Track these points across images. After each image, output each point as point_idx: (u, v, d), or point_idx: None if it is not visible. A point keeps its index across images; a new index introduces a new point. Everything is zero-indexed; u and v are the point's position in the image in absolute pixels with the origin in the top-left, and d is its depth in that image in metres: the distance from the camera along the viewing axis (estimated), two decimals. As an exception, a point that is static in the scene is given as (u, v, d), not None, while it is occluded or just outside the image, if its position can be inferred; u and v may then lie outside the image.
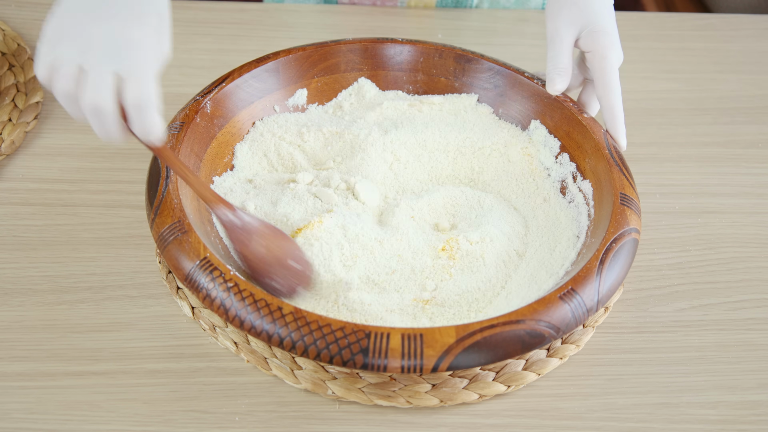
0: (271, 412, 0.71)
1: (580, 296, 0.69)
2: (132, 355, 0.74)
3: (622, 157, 0.81)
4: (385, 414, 0.72)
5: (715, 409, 0.73)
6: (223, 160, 0.84)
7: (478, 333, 0.66)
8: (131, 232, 0.83)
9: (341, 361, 0.65)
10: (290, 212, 0.79)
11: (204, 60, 1.03)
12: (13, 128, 0.90)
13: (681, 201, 0.91)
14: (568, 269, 0.74)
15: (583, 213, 0.80)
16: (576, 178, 0.83)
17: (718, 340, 0.78)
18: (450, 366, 0.65)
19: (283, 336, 0.65)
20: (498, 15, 1.12)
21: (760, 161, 0.97)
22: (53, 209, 0.85)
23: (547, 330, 0.67)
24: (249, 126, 0.87)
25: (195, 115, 0.81)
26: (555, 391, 0.74)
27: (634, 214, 0.76)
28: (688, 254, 0.86)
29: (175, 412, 0.70)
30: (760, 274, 0.84)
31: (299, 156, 0.86)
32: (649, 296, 0.82)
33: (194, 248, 0.70)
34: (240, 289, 0.67)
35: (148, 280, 0.79)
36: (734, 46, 1.13)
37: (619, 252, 0.73)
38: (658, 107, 1.03)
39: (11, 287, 0.78)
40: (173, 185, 0.74)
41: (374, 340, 0.65)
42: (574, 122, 0.86)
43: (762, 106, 1.04)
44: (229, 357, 0.74)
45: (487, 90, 0.91)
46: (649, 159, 0.95)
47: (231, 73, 0.85)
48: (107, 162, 0.89)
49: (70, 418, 0.69)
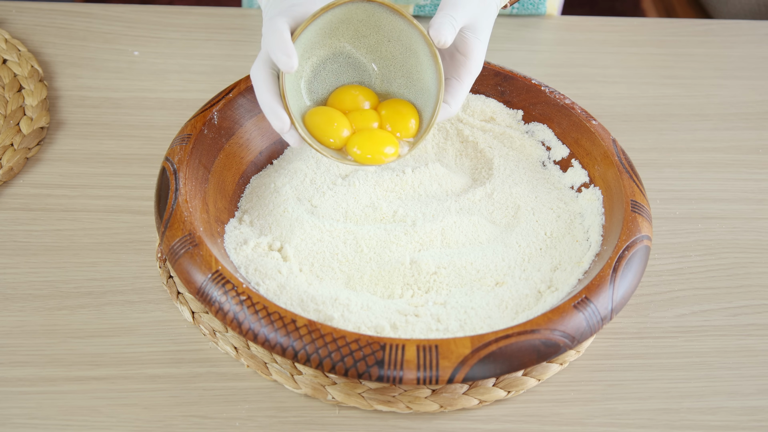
0: (271, 417, 0.71)
1: (594, 304, 0.69)
2: (132, 361, 0.74)
3: (632, 163, 0.82)
4: (385, 419, 0.72)
5: (716, 414, 0.73)
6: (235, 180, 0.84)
7: (493, 343, 0.66)
8: (132, 238, 0.83)
9: (356, 373, 0.65)
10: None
11: (206, 65, 1.03)
12: (13, 154, 0.89)
13: (681, 207, 0.91)
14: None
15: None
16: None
17: (719, 346, 0.78)
18: (466, 377, 0.65)
19: (297, 349, 0.65)
20: (498, 21, 1.12)
21: (761, 167, 0.97)
22: (54, 214, 0.85)
23: (562, 339, 0.67)
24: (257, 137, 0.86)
25: (203, 127, 0.81)
26: (555, 397, 0.74)
27: (646, 221, 0.76)
28: (688, 260, 0.86)
29: (175, 417, 0.70)
30: (761, 279, 0.84)
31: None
32: (649, 302, 0.82)
33: (206, 261, 0.70)
34: (253, 302, 0.67)
35: (148, 285, 0.79)
36: (735, 52, 1.13)
37: (631, 259, 0.73)
38: (658, 113, 1.03)
39: (12, 292, 0.78)
40: (183, 197, 0.74)
41: (389, 351, 0.65)
42: (582, 129, 0.86)
43: (762, 112, 1.04)
44: (229, 362, 0.74)
45: (494, 96, 0.91)
46: (649, 165, 0.95)
47: (237, 83, 0.85)
48: (108, 167, 0.90)
49: (70, 424, 0.69)
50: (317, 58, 0.77)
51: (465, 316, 0.73)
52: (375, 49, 0.78)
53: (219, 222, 0.79)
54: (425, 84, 0.76)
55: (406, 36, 0.75)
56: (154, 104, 0.97)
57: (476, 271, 0.78)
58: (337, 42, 0.77)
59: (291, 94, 0.73)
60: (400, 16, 0.75)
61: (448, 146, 0.90)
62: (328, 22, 0.74)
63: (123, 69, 1.01)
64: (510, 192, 0.85)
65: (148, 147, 0.92)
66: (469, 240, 0.81)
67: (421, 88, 0.77)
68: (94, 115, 0.95)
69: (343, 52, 0.78)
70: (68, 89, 0.98)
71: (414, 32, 0.75)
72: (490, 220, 0.83)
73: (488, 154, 0.89)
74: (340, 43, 0.77)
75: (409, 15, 0.74)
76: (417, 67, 0.76)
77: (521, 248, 0.80)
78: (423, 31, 0.74)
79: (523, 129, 0.90)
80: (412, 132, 0.76)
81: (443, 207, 0.83)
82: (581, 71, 1.07)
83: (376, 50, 0.78)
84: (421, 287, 0.77)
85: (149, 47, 1.04)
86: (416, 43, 0.75)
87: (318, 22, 0.73)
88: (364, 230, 0.80)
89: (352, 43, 0.77)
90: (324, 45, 0.76)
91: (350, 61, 0.78)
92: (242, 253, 0.77)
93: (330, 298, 0.72)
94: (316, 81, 0.77)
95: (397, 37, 0.76)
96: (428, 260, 0.78)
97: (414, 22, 0.74)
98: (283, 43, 0.70)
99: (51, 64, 1.01)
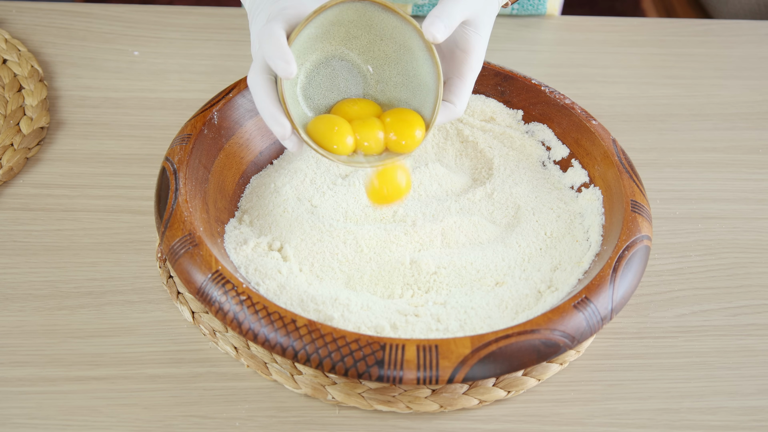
0: (271, 417, 0.71)
1: (594, 304, 0.69)
2: (132, 360, 0.74)
3: (632, 163, 0.82)
4: (385, 419, 0.72)
5: (716, 414, 0.73)
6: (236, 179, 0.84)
7: (493, 343, 0.66)
8: (132, 238, 0.83)
9: (356, 373, 0.65)
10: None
11: (205, 65, 1.03)
12: (13, 154, 0.89)
13: (681, 206, 0.91)
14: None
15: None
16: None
17: (719, 346, 0.78)
18: (466, 377, 0.65)
19: (297, 349, 0.65)
20: (498, 21, 1.12)
21: (761, 167, 0.97)
22: (54, 214, 0.85)
23: (562, 339, 0.67)
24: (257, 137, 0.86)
25: (203, 126, 0.81)
26: (555, 397, 0.74)
27: (646, 221, 0.76)
28: (688, 260, 0.86)
29: (175, 417, 0.70)
30: (761, 279, 0.84)
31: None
32: (649, 302, 0.82)
33: (206, 261, 0.70)
34: (253, 302, 0.67)
35: (148, 285, 0.79)
36: (735, 52, 1.13)
37: (631, 259, 0.73)
38: (658, 113, 1.03)
39: (12, 292, 0.78)
40: (183, 197, 0.74)
41: (389, 351, 0.65)
42: (582, 129, 0.86)
43: (763, 112, 1.04)
44: (229, 362, 0.74)
45: (494, 96, 0.91)
46: (649, 164, 0.95)
47: (237, 83, 0.85)
48: (108, 167, 0.90)
49: (70, 424, 0.69)
50: (311, 64, 0.76)
51: (465, 316, 0.73)
52: (368, 49, 0.77)
53: (219, 222, 0.79)
54: (422, 80, 0.75)
55: (399, 33, 0.74)
56: (154, 104, 0.97)
57: (476, 271, 0.78)
58: (330, 45, 0.76)
59: (290, 101, 0.73)
60: (391, 12, 0.73)
61: (448, 146, 0.90)
62: (320, 26, 0.73)
63: (123, 69, 1.01)
64: (510, 192, 0.85)
65: (148, 147, 0.92)
66: (469, 240, 0.81)
67: (418, 84, 0.75)
68: (94, 115, 0.95)
69: (336, 54, 0.77)
70: (68, 89, 0.98)
71: (407, 28, 0.73)
72: (490, 220, 0.83)
73: (488, 154, 0.89)
74: (332, 47, 0.76)
75: (400, 11, 0.73)
76: (412, 63, 0.75)
77: (521, 248, 0.80)
78: (416, 25, 0.73)
79: (523, 129, 0.90)
80: (418, 140, 0.74)
81: (443, 207, 0.83)
82: (581, 71, 1.07)
83: (369, 50, 0.77)
84: (421, 287, 0.77)
85: (149, 47, 1.04)
86: (410, 39, 0.74)
87: (311, 25, 0.72)
88: (364, 230, 0.80)
89: (345, 45, 0.76)
90: (316, 49, 0.75)
91: (344, 65, 0.77)
92: (242, 253, 0.77)
93: (330, 298, 0.72)
94: (311, 86, 0.76)
95: (390, 35, 0.75)
96: (428, 260, 0.78)
97: (407, 17, 0.73)
98: (281, 49, 0.69)
99: (51, 64, 1.01)
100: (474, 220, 0.82)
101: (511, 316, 0.74)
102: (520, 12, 1.14)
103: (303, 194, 0.83)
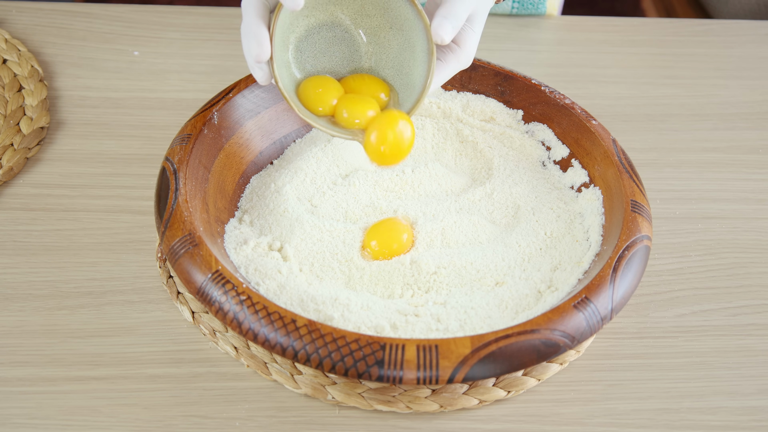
0: (271, 417, 0.71)
1: (594, 304, 0.69)
2: (132, 360, 0.74)
3: (632, 163, 0.82)
4: (385, 419, 0.72)
5: (716, 414, 0.73)
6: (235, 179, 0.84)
7: (493, 343, 0.66)
8: (132, 237, 0.83)
9: (356, 373, 0.65)
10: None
11: (205, 65, 1.03)
12: (13, 154, 0.89)
13: (681, 206, 0.91)
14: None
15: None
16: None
17: (719, 346, 0.78)
18: (466, 377, 0.65)
19: (297, 349, 0.65)
20: (498, 21, 1.12)
21: (761, 167, 0.97)
22: (54, 214, 0.85)
23: (562, 339, 0.67)
24: (257, 137, 0.86)
25: (203, 126, 0.81)
26: (555, 397, 0.74)
27: (646, 221, 0.76)
28: (688, 260, 0.86)
29: (175, 417, 0.70)
30: (761, 279, 0.84)
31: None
32: (649, 302, 0.82)
33: (206, 261, 0.70)
34: (253, 302, 0.67)
35: (148, 285, 0.79)
36: (735, 52, 1.13)
37: (631, 259, 0.73)
38: (658, 113, 1.03)
39: (11, 292, 0.78)
40: (183, 197, 0.74)
41: (389, 351, 0.65)
42: (582, 129, 0.86)
43: (763, 112, 1.04)
44: (229, 362, 0.74)
45: (494, 96, 0.91)
46: (649, 164, 0.95)
47: (237, 83, 0.85)
48: (108, 167, 0.90)
49: (70, 424, 0.69)
50: (315, 20, 0.73)
51: (465, 316, 0.73)
52: (375, 32, 0.76)
53: (219, 222, 0.79)
54: (412, 81, 0.75)
55: (408, 27, 0.74)
56: (154, 104, 0.97)
57: (476, 271, 0.78)
58: (340, 11, 0.74)
59: (279, 38, 0.69)
60: (410, 4, 0.73)
61: (448, 146, 0.90)
62: None
63: (123, 69, 1.01)
64: (510, 192, 0.85)
65: (148, 147, 0.92)
66: (469, 240, 0.81)
67: (407, 83, 0.76)
68: (94, 115, 0.95)
69: (342, 24, 0.75)
70: (68, 89, 0.98)
71: (418, 25, 0.73)
72: (490, 220, 0.83)
73: (488, 154, 0.89)
74: (342, 15, 0.74)
75: (419, 6, 0.73)
76: (410, 62, 0.75)
77: (521, 248, 0.80)
78: (428, 24, 0.73)
79: (523, 129, 0.90)
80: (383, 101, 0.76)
81: (443, 207, 0.83)
82: (581, 71, 1.07)
83: (376, 34, 0.76)
84: (421, 287, 0.77)
85: (149, 47, 1.04)
86: (416, 36, 0.74)
87: None
88: (364, 230, 0.80)
89: (353, 20, 0.75)
90: (325, 9, 0.73)
91: (345, 37, 0.76)
92: (242, 253, 0.77)
93: (330, 298, 0.72)
94: (306, 43, 0.75)
95: (400, 26, 0.75)
96: (428, 260, 0.78)
97: (422, 14, 0.73)
98: None
99: (51, 64, 1.01)
100: (474, 219, 0.82)
101: (511, 316, 0.74)
102: (520, 12, 1.14)
103: (303, 194, 0.83)
